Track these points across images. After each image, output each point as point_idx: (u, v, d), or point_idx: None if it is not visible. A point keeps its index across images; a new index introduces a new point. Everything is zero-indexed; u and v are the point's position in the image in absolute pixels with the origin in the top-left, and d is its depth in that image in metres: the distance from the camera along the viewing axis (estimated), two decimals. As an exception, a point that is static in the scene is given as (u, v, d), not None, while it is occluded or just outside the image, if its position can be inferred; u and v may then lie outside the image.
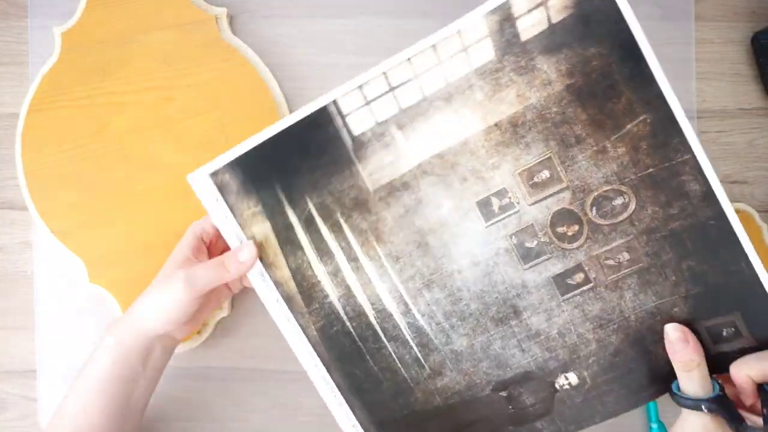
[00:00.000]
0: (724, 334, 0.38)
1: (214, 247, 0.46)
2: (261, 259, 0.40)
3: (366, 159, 0.38)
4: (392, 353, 0.42)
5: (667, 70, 0.35)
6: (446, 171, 0.38)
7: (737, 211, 0.55)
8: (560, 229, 0.38)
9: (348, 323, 0.41)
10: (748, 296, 0.37)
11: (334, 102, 0.37)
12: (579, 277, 0.39)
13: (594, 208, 0.38)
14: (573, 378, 0.41)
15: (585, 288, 0.39)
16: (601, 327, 0.40)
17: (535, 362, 0.41)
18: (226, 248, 0.42)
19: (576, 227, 0.38)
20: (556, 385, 0.41)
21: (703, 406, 0.36)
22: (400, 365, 0.42)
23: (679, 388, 0.38)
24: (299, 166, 0.39)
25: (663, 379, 0.40)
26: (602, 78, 0.36)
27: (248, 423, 0.53)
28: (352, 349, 0.42)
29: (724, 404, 0.36)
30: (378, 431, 0.43)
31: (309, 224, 0.40)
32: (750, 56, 0.56)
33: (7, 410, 0.53)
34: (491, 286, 0.40)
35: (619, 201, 0.37)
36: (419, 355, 0.41)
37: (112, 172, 0.51)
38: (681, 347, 0.37)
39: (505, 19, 0.36)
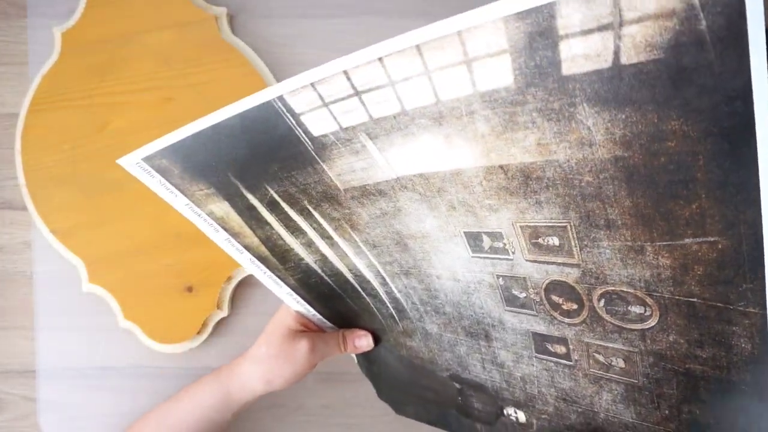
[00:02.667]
0: None
1: None
2: (226, 230, 0.39)
3: (331, 160, 0.31)
4: (371, 304, 0.42)
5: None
6: (431, 193, 0.31)
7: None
8: (555, 298, 0.31)
9: (326, 278, 0.41)
10: None
11: (281, 99, 0.29)
12: (560, 349, 0.33)
13: (603, 301, 0.29)
14: (521, 416, 0.39)
15: (562, 362, 0.34)
16: (564, 401, 0.35)
17: (491, 383, 0.39)
18: None
19: (574, 306, 0.31)
20: (504, 412, 0.40)
21: None
22: (378, 313, 0.42)
23: None
24: (251, 158, 0.33)
25: None
26: (675, 168, 0.23)
27: (248, 423, 0.53)
28: (332, 293, 0.43)
29: None
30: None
31: (273, 207, 0.36)
32: (750, 56, 0.56)
33: (7, 410, 0.53)
34: (468, 304, 0.36)
35: (637, 309, 0.29)
36: (395, 315, 0.41)
37: (112, 172, 0.51)
38: None
39: (542, 34, 0.22)
